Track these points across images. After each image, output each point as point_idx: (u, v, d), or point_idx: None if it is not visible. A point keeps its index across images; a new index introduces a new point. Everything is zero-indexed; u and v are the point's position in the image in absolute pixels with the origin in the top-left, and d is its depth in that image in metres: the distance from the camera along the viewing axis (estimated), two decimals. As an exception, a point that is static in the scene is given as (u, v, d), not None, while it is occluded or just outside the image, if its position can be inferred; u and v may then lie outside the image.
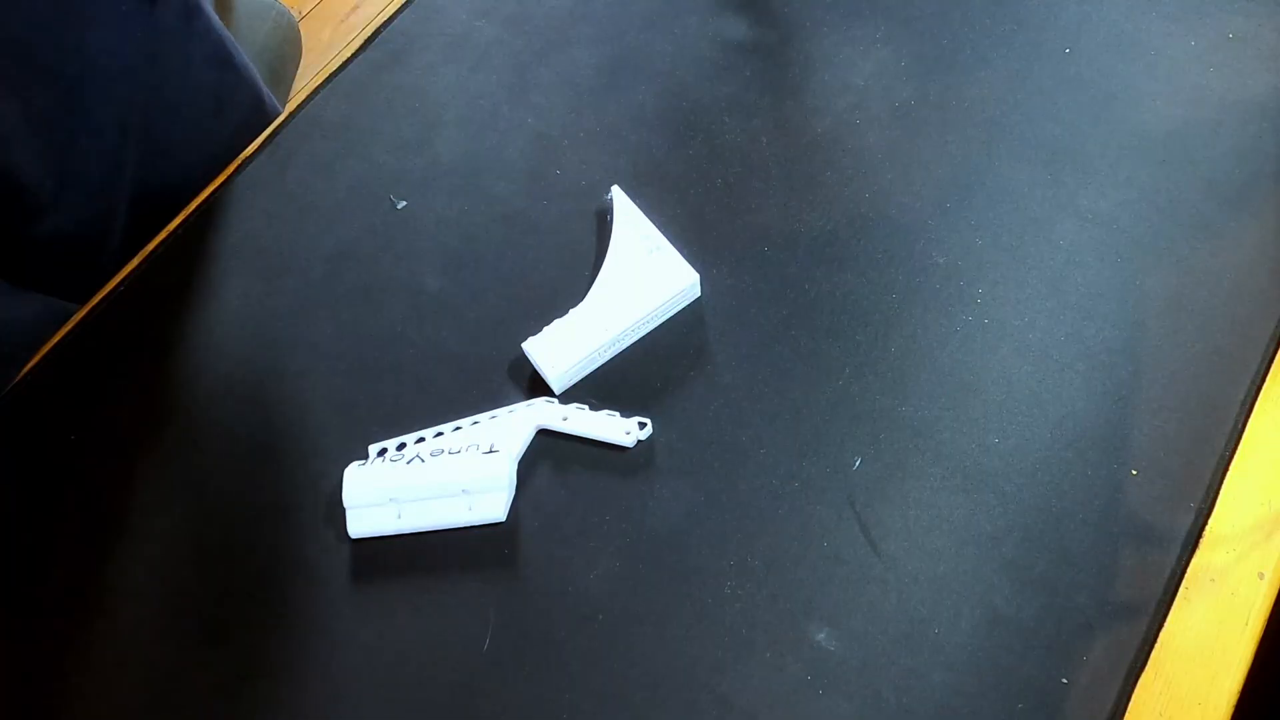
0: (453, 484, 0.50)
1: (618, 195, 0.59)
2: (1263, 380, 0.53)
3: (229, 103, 0.71)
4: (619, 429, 0.53)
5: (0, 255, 0.64)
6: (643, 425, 0.53)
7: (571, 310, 0.56)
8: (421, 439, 0.53)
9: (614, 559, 0.51)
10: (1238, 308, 0.55)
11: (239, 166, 0.66)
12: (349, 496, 0.51)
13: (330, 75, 0.69)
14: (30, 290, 0.68)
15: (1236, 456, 0.51)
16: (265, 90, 0.76)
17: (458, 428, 0.53)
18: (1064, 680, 0.47)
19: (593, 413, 0.53)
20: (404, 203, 0.63)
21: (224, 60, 0.71)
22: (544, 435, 0.54)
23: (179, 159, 0.67)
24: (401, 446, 0.53)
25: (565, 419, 0.53)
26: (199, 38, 0.69)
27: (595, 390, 0.55)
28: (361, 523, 0.51)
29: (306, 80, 0.77)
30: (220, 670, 0.50)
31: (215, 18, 0.71)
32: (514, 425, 0.53)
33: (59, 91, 0.61)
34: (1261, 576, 0.49)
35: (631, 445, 0.53)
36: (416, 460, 0.51)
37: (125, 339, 0.60)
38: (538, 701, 0.48)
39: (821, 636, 0.48)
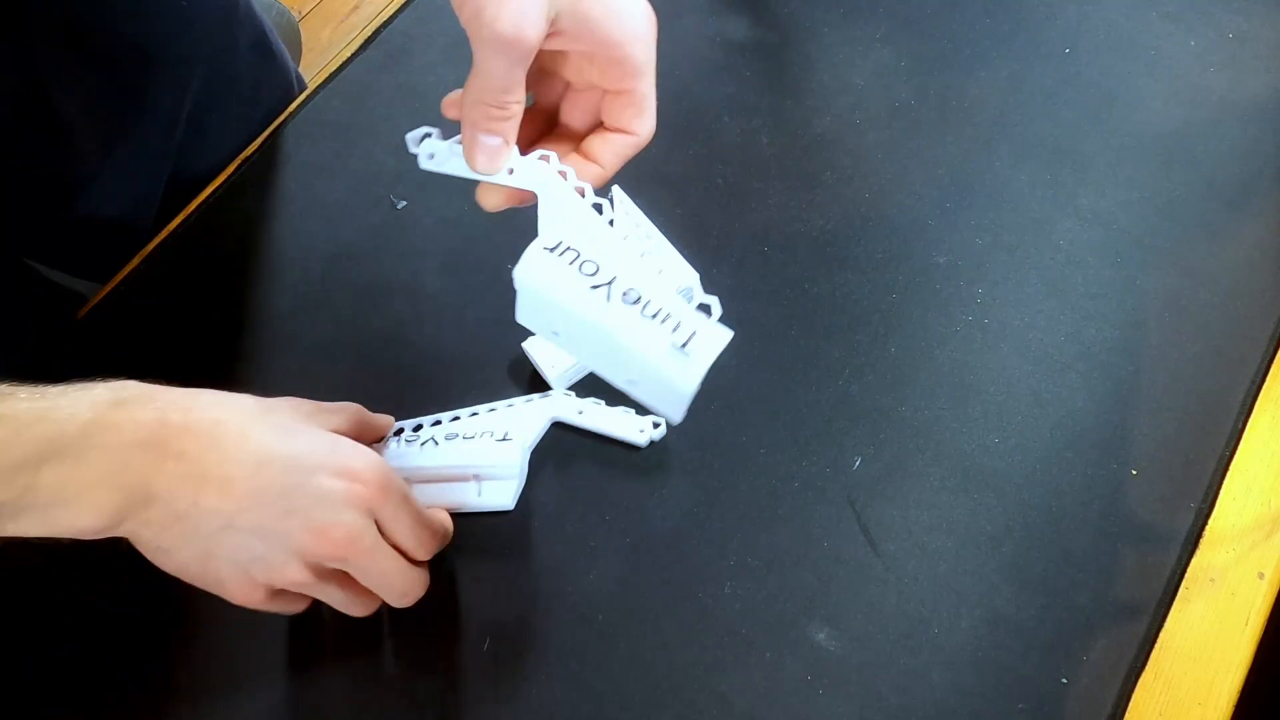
0: (465, 468, 0.50)
1: (618, 195, 0.59)
2: (1263, 380, 0.53)
3: (265, 88, 0.71)
4: (634, 426, 0.53)
5: (38, 232, 0.65)
6: (656, 425, 0.53)
7: (571, 310, 0.56)
8: (438, 422, 0.53)
9: (614, 559, 0.51)
10: (1238, 308, 0.55)
11: (239, 166, 0.66)
12: None
13: (330, 75, 0.69)
14: (57, 269, 0.69)
15: (1236, 456, 0.51)
16: (295, 73, 0.76)
17: (474, 413, 0.53)
18: (1064, 680, 0.47)
19: (609, 408, 0.53)
20: (404, 203, 0.63)
21: (264, 48, 0.72)
22: (553, 429, 0.54)
23: (216, 144, 0.68)
24: (418, 428, 0.53)
25: (580, 412, 0.53)
26: (244, 26, 0.69)
27: (595, 390, 0.55)
28: None
29: (307, 80, 0.77)
30: (218, 666, 0.50)
31: (255, 4, 0.71)
32: (529, 415, 0.53)
33: (117, 79, 0.62)
34: (1261, 576, 0.49)
35: (644, 444, 0.53)
36: (430, 442, 0.50)
37: (124, 338, 0.60)
38: (538, 701, 0.48)
39: (821, 636, 0.48)
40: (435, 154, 0.42)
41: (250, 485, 0.39)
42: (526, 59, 0.38)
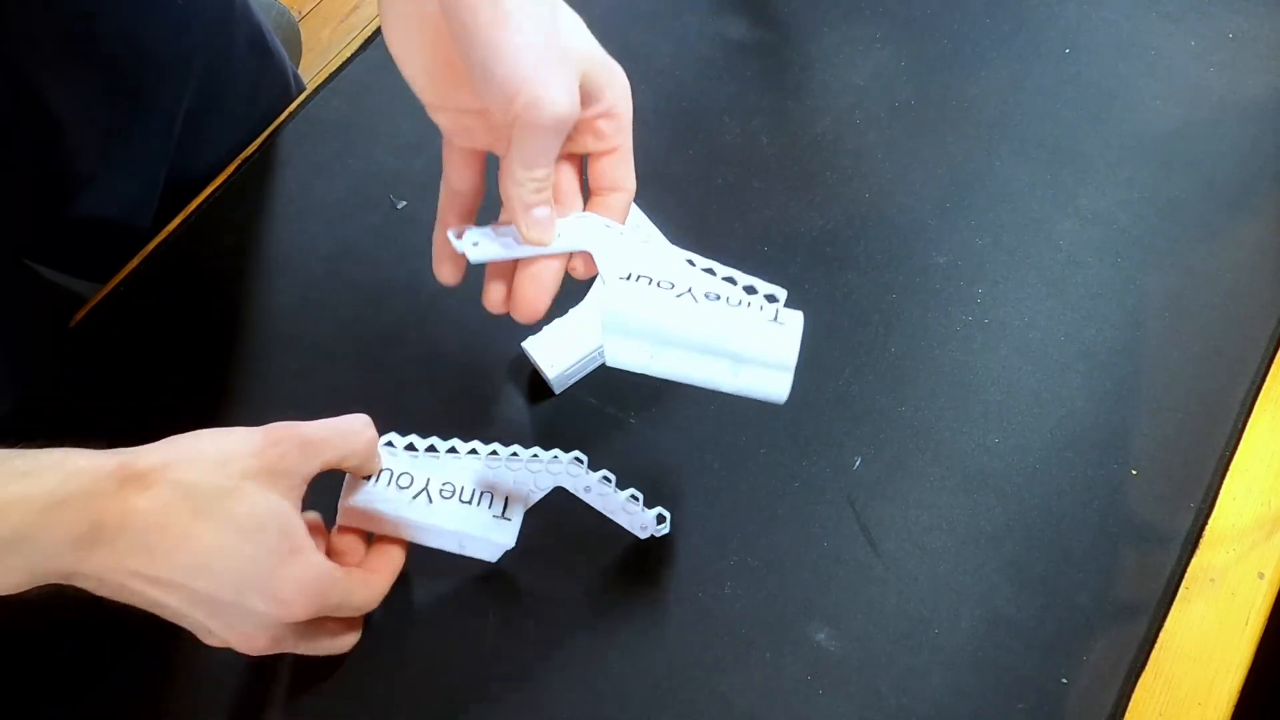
0: (461, 533, 0.48)
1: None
2: (1263, 380, 0.53)
3: (263, 87, 0.71)
4: (636, 523, 0.49)
5: (37, 232, 0.65)
6: (661, 520, 0.48)
7: (571, 310, 0.56)
8: (433, 448, 0.49)
9: (614, 559, 0.51)
10: (1238, 308, 0.55)
11: (239, 166, 0.66)
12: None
13: (330, 75, 0.69)
14: (56, 270, 0.69)
15: (1236, 456, 0.52)
16: (293, 72, 0.76)
17: (473, 450, 0.49)
18: (1064, 680, 0.47)
19: (617, 492, 0.48)
20: (404, 203, 0.63)
21: (262, 46, 0.72)
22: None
23: (215, 144, 0.68)
24: (410, 447, 0.49)
25: (588, 489, 0.48)
26: (241, 24, 0.69)
27: (595, 390, 0.55)
28: None
29: (306, 80, 0.77)
30: (218, 665, 0.50)
31: (252, 3, 0.71)
32: (533, 482, 0.48)
33: (113, 79, 0.62)
34: (1261, 576, 0.49)
35: (644, 539, 0.49)
36: (424, 496, 0.48)
37: (124, 338, 0.60)
38: (538, 701, 0.48)
39: (821, 636, 0.48)
40: (479, 242, 0.43)
41: (179, 587, 0.40)
42: (569, 128, 0.39)
